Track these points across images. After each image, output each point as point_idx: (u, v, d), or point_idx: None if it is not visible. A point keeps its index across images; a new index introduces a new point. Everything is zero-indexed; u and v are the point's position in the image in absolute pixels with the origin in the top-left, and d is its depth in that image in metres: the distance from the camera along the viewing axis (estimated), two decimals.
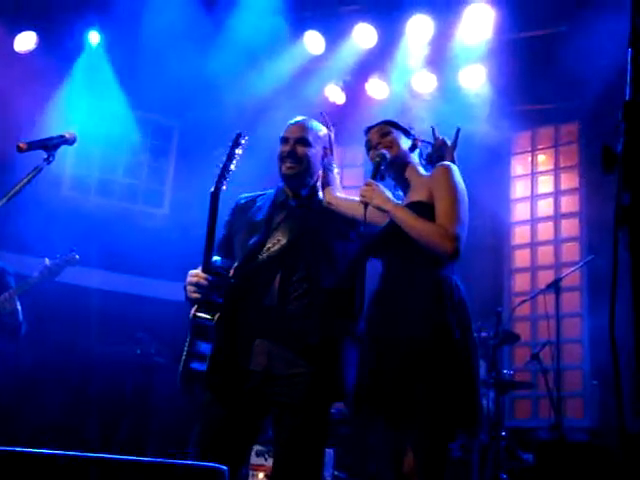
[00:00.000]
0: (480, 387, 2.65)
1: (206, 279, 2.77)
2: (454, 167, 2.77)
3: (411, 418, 2.48)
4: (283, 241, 2.91)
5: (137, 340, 6.17)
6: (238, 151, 3.02)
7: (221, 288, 2.83)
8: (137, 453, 3.02)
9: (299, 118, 3.16)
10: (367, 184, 2.78)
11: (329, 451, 4.57)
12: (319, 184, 3.14)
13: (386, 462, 2.64)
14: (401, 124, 3.03)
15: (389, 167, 2.92)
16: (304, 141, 3.04)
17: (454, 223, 2.60)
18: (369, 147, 3.02)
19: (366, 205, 2.73)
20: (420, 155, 3.02)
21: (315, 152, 3.08)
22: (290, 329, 2.80)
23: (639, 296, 1.23)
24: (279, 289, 2.84)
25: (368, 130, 3.06)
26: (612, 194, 1.35)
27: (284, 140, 3.07)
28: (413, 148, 2.99)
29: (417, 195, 2.77)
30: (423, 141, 3.05)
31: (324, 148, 3.14)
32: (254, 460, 4.54)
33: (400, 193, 2.96)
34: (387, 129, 3.00)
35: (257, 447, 4.57)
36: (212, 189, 2.92)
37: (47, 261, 4.66)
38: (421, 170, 2.94)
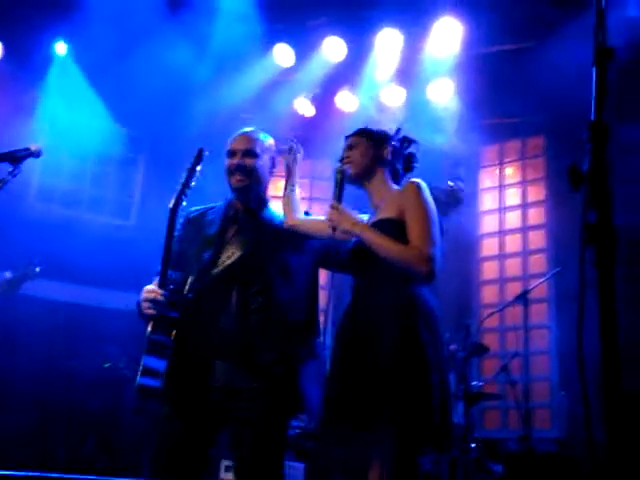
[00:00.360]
0: (451, 401, 2.63)
1: (162, 295, 2.73)
2: (423, 185, 2.71)
3: (379, 433, 2.45)
4: (237, 254, 2.89)
5: (106, 354, 6.10)
6: (198, 167, 2.99)
7: (176, 303, 2.79)
8: (105, 469, 2.98)
9: (244, 129, 3.14)
10: (332, 207, 2.72)
11: (300, 465, 4.55)
12: (269, 195, 3.16)
13: (351, 477, 2.59)
14: (375, 133, 2.96)
15: (352, 182, 2.89)
16: (251, 153, 3.03)
17: (428, 244, 2.56)
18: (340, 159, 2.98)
19: (334, 229, 2.69)
20: (396, 160, 2.94)
21: (263, 163, 3.07)
22: (248, 343, 2.78)
23: (606, 314, 1.25)
24: (236, 304, 2.82)
25: (345, 139, 3.04)
26: (578, 206, 1.36)
27: (231, 153, 3.05)
28: (382, 160, 2.90)
29: (386, 212, 2.72)
30: (400, 146, 2.96)
31: (272, 158, 3.14)
32: (224, 475, 4.51)
33: (363, 216, 2.86)
34: (355, 141, 2.96)
35: (226, 462, 4.54)
36: (171, 204, 2.88)
37: (8, 274, 4.60)
38: (389, 184, 2.87)
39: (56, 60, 6.86)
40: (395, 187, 2.88)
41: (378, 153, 2.90)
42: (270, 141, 3.16)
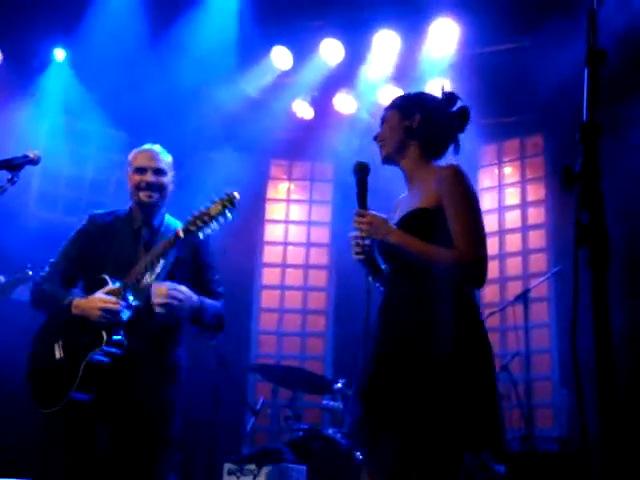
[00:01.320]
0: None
1: (118, 303, 2.90)
2: (463, 170, 2.49)
3: (425, 434, 2.25)
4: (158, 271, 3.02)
5: None
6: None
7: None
8: None
9: (147, 147, 3.30)
10: (359, 214, 2.50)
11: (302, 467, 4.55)
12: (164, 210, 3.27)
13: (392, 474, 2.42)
14: (404, 99, 2.72)
15: (387, 162, 2.68)
16: (161, 171, 3.20)
17: (473, 245, 2.38)
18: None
19: (363, 243, 2.49)
20: (435, 126, 2.65)
21: (169, 181, 3.24)
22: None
23: (600, 313, 1.26)
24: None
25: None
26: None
27: (141, 170, 3.19)
28: (412, 132, 2.62)
29: (423, 198, 2.50)
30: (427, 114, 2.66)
31: (173, 175, 3.29)
32: (226, 478, 4.51)
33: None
34: (386, 114, 2.70)
35: (229, 465, 4.54)
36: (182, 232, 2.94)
37: (1, 278, 4.60)
38: (425, 160, 2.62)
39: (54, 66, 6.87)
40: (433, 164, 2.64)
41: (409, 123, 2.62)
42: (170, 158, 3.31)
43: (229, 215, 2.93)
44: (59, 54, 6.82)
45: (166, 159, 3.26)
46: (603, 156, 1.35)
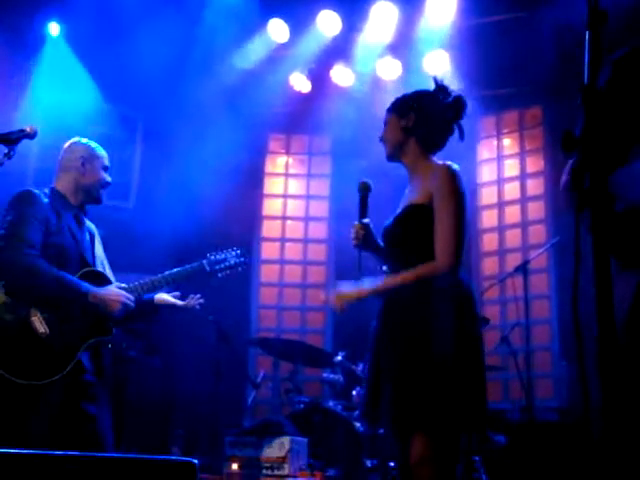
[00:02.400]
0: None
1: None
2: (457, 171, 2.62)
3: (418, 411, 2.44)
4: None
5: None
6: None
7: None
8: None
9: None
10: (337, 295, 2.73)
11: (303, 440, 4.58)
12: None
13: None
14: (399, 102, 2.86)
15: (392, 161, 2.86)
16: None
17: (450, 255, 2.54)
18: None
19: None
20: (430, 121, 2.80)
21: None
22: None
23: (601, 277, 1.25)
24: None
25: None
26: None
27: (107, 169, 3.45)
28: (409, 130, 2.78)
29: (419, 195, 2.66)
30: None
31: None
32: (228, 451, 4.54)
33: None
34: (386, 118, 2.88)
35: (230, 438, 4.57)
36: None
37: None
38: (424, 155, 2.77)
39: (49, 41, 6.81)
40: (432, 158, 2.78)
41: (404, 123, 2.79)
42: None
43: None
44: (53, 28, 6.76)
45: None
46: None
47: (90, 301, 3.01)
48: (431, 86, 2.86)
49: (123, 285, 3.18)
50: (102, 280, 3.17)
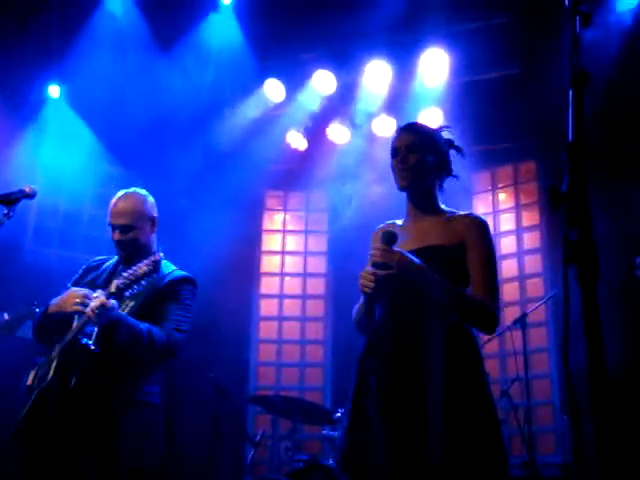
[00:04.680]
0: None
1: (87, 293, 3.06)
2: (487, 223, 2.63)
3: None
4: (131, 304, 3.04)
5: None
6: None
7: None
8: None
9: (117, 197, 3.33)
10: (387, 252, 2.43)
11: None
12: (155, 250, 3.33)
13: None
14: (434, 135, 2.75)
15: (403, 190, 2.70)
16: (128, 228, 3.25)
17: (496, 299, 2.48)
18: (394, 156, 2.73)
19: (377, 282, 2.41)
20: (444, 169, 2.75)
21: (141, 231, 3.28)
22: None
23: (591, 330, 1.27)
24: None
25: (397, 133, 2.79)
26: None
27: (112, 227, 3.28)
28: (439, 172, 2.71)
29: (437, 236, 2.57)
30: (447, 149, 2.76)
31: (150, 220, 3.34)
32: None
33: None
34: (413, 144, 2.69)
35: None
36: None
37: (6, 316, 4.60)
38: (435, 197, 2.71)
39: (50, 102, 6.93)
40: (445, 208, 2.72)
41: (436, 164, 2.70)
42: (148, 205, 3.36)
43: (153, 277, 2.93)
44: (54, 90, 6.87)
45: (137, 209, 3.29)
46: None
47: (50, 312, 3.17)
48: None
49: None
50: None
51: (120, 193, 3.35)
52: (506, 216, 7.77)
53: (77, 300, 2.92)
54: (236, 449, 6.67)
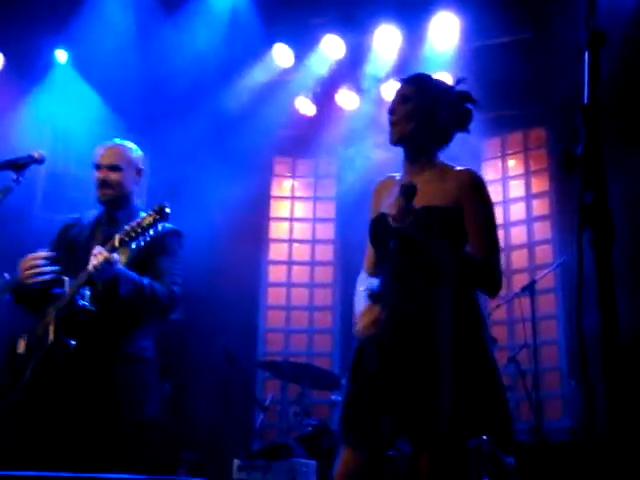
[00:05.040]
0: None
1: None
2: (483, 179, 2.53)
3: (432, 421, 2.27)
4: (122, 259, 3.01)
5: None
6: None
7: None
8: None
9: (109, 143, 3.30)
10: (407, 211, 2.27)
11: (312, 463, 4.56)
12: (138, 202, 3.32)
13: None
14: (436, 86, 2.62)
15: (396, 144, 2.57)
16: (115, 168, 3.21)
17: (498, 259, 2.43)
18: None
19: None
20: (451, 122, 2.59)
21: (127, 176, 3.26)
22: None
23: (605, 294, 1.26)
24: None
25: (402, 83, 2.66)
26: None
27: (97, 167, 3.25)
28: (437, 126, 2.56)
29: (431, 196, 2.42)
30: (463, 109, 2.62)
31: (137, 169, 3.31)
32: (236, 475, 4.52)
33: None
34: (408, 93, 2.58)
35: (239, 462, 4.56)
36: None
37: (6, 275, 4.61)
38: (433, 153, 2.57)
39: (57, 67, 6.88)
40: (445, 162, 2.60)
41: (433, 115, 2.55)
42: (136, 155, 3.33)
43: (159, 227, 2.84)
44: (61, 55, 6.83)
45: (126, 154, 3.28)
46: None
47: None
48: None
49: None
50: None
51: (114, 141, 3.35)
52: (515, 183, 7.73)
53: (31, 272, 2.96)
54: (245, 414, 6.73)
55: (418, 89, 2.58)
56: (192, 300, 7.24)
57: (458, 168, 2.56)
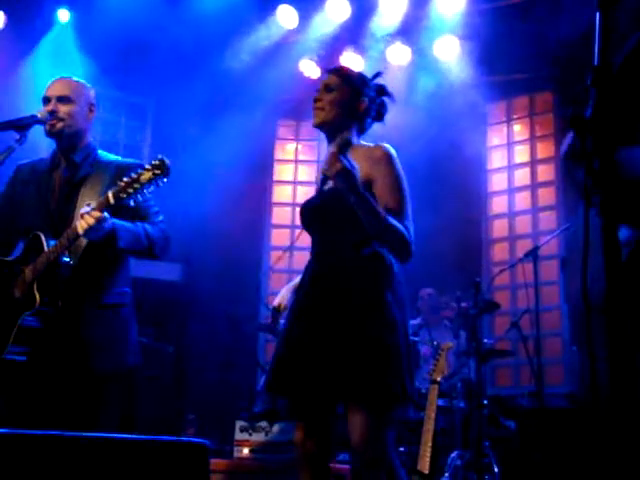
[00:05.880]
0: (413, 365, 2.63)
1: None
2: (394, 151, 2.59)
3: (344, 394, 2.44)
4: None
5: None
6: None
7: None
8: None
9: (60, 75, 3.10)
10: (336, 161, 2.41)
11: None
12: (91, 140, 3.14)
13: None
14: (356, 79, 2.76)
15: (318, 127, 2.78)
16: (65, 99, 2.99)
17: (409, 223, 2.49)
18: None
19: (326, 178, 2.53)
20: (369, 111, 2.75)
21: (78, 109, 3.04)
22: None
23: (611, 261, 1.25)
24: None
25: (326, 74, 2.84)
26: None
27: (46, 100, 3.00)
28: (357, 114, 2.72)
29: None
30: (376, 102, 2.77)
31: (89, 104, 3.11)
32: (238, 436, 4.56)
33: None
34: (331, 83, 2.76)
35: (241, 423, 4.60)
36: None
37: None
38: (356, 138, 2.71)
39: (57, 27, 6.80)
40: (362, 142, 2.73)
41: (355, 106, 2.72)
42: (88, 90, 3.13)
43: (160, 183, 2.69)
44: (63, 15, 6.75)
45: (77, 88, 3.06)
46: None
47: None
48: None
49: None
50: None
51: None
52: (520, 148, 7.68)
53: None
54: (248, 376, 6.77)
55: (342, 80, 2.75)
56: (195, 263, 7.32)
57: (371, 145, 2.67)
